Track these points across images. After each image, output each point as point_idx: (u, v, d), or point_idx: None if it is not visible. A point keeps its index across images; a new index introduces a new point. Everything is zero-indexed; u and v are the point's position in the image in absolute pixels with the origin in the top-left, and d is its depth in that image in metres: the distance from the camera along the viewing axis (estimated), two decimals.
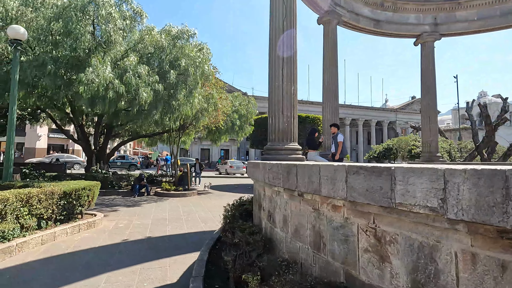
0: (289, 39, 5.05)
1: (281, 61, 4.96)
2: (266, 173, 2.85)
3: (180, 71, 9.73)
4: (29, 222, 5.29)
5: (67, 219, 6.27)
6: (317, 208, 2.12)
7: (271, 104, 5.05)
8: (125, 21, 8.70)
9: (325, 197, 1.92)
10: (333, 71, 9.12)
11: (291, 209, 2.48)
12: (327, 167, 1.85)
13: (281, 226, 2.68)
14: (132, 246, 5.45)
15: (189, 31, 9.97)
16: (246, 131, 15.75)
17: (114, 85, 7.91)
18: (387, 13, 10.47)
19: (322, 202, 2.05)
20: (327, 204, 2.00)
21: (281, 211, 2.69)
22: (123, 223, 7.23)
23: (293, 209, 2.45)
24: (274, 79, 5.02)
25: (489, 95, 72.74)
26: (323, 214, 2.05)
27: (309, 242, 2.21)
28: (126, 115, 11.57)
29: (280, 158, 4.65)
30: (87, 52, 8.29)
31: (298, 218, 2.37)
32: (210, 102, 11.56)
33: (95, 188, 7.11)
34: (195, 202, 10.85)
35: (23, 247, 4.87)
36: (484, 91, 76.11)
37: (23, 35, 6.90)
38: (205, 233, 6.59)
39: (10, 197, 4.88)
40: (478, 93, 68.47)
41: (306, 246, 2.24)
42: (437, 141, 10.58)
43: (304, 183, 2.10)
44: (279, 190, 2.67)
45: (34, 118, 14.71)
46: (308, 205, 2.22)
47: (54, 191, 5.83)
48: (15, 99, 6.74)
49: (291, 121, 4.93)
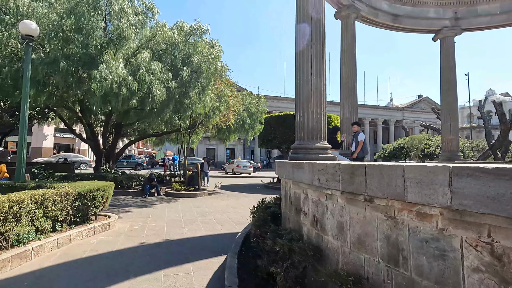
0: (318, 30, 4.75)
1: (310, 54, 4.66)
2: (314, 174, 2.56)
3: (193, 68, 9.46)
4: (44, 225, 5.06)
5: (81, 221, 6.04)
6: (392, 216, 1.83)
7: (298, 100, 4.76)
8: (138, 16, 8.46)
9: (411, 203, 1.63)
10: (351, 67, 8.79)
11: (350, 215, 2.19)
12: (417, 168, 1.55)
13: (335, 234, 2.38)
14: (151, 250, 5.19)
15: (202, 27, 9.69)
16: (256, 129, 15.45)
17: (128, 82, 7.67)
18: (406, 7, 10.10)
19: (401, 209, 1.76)
20: (408, 211, 1.71)
21: (334, 217, 2.40)
22: (137, 225, 6.99)
23: (354, 215, 2.16)
24: (302, 73, 4.72)
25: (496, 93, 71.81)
26: (403, 223, 1.75)
27: (380, 255, 1.91)
28: (136, 114, 11.36)
29: (310, 158, 4.36)
30: (99, 48, 8.06)
31: (361, 226, 2.08)
32: (222, 100, 11.29)
33: (109, 189, 6.88)
34: (207, 203, 10.59)
35: (39, 251, 4.64)
36: (492, 89, 75.12)
37: (35, 30, 6.68)
38: (223, 236, 6.33)
39: (25, 199, 4.65)
40: (486, 91, 67.59)
41: (375, 258, 1.95)
42: (458, 140, 10.21)
43: (377, 186, 1.81)
44: (333, 193, 2.38)
45: (42, 118, 14.56)
46: (378, 211, 1.93)
47: (68, 192, 5.60)
48: (27, 96, 6.52)
49: (321, 118, 4.63)
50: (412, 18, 10.24)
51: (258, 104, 15.42)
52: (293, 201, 3.49)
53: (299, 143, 4.65)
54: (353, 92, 8.80)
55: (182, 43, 9.32)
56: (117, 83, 7.58)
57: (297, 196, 3.32)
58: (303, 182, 2.90)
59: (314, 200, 2.79)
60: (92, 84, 7.55)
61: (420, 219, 1.63)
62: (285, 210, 4.08)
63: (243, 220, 7.86)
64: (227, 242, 5.84)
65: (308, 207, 2.95)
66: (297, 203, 3.31)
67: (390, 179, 1.72)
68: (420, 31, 10.70)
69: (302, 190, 3.12)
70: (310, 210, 2.90)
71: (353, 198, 2.15)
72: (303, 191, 3.10)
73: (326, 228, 2.55)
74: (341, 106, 8.98)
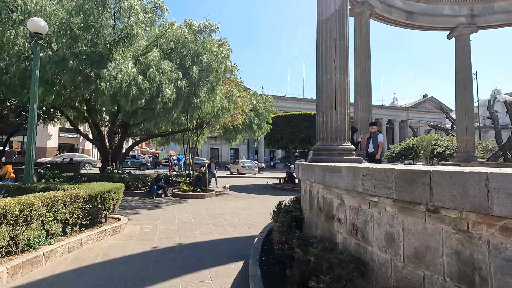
0: (341, 26, 4.53)
1: (333, 51, 4.44)
2: (356, 180, 2.34)
3: (202, 67, 9.27)
4: (54, 228, 4.88)
5: (91, 224, 5.86)
6: (464, 230, 1.61)
7: (321, 99, 4.54)
8: (147, 14, 8.27)
9: (496, 217, 1.41)
10: (366, 66, 8.57)
11: (404, 226, 1.97)
12: (507, 177, 1.33)
13: (382, 246, 2.16)
14: (164, 255, 5.00)
15: (212, 26, 9.49)
16: (264, 129, 15.23)
17: (138, 81, 7.48)
18: (420, 4, 9.85)
19: (478, 223, 1.54)
20: (488, 225, 1.49)
21: (381, 226, 2.18)
22: (148, 227, 6.81)
23: (409, 226, 1.94)
24: (324, 71, 4.51)
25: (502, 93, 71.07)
26: (480, 239, 1.53)
27: (446, 272, 1.70)
28: (144, 113, 11.19)
29: (334, 160, 4.14)
30: (108, 47, 7.88)
31: (420, 239, 1.86)
32: (230, 100, 11.09)
33: (119, 191, 6.69)
34: (216, 204, 10.39)
35: (50, 256, 4.46)
36: (498, 89, 74.46)
37: (44, 28, 6.51)
38: (237, 240, 6.12)
39: (36, 202, 4.47)
40: (492, 91, 66.98)
41: (440, 276, 1.73)
42: (474, 141, 9.95)
43: (447, 196, 1.59)
44: (381, 201, 2.16)
45: (48, 117, 14.44)
46: (444, 224, 1.71)
47: (79, 195, 5.41)
48: (36, 96, 6.35)
49: (345, 118, 4.41)
50: (427, 16, 9.99)
51: (266, 104, 15.20)
52: (323, 207, 3.27)
53: (321, 144, 4.44)
54: (368, 92, 8.57)
55: (191, 42, 9.12)
56: (127, 82, 7.39)
57: (328, 202, 3.11)
58: (339, 187, 2.68)
59: (353, 207, 2.57)
60: (101, 83, 7.37)
61: (506, 236, 1.42)
62: (310, 215, 3.86)
63: (255, 223, 7.65)
64: (242, 246, 5.64)
65: (344, 214, 2.73)
66: (329, 209, 3.09)
67: (466, 188, 1.50)
68: (435, 28, 10.45)
69: (336, 195, 2.90)
70: (347, 218, 2.68)
71: (409, 207, 1.93)
72: (337, 196, 2.88)
73: (369, 238, 2.33)
74: (355, 106, 8.75)
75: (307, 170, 3.66)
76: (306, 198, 4.08)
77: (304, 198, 4.36)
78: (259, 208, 10.00)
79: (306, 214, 4.13)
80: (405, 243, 1.97)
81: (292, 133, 15.67)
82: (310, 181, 3.61)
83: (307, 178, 3.73)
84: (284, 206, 5.05)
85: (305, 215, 4.17)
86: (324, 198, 3.24)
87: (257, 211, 9.35)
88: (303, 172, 3.87)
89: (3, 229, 3.96)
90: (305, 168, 3.74)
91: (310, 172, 3.49)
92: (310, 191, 3.89)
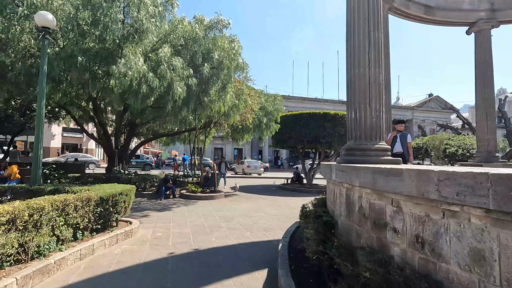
0: (375, 16, 4.18)
1: (367, 42, 4.09)
2: (428, 185, 2.00)
3: (213, 64, 8.94)
4: (65, 234, 4.57)
5: (102, 228, 5.55)
6: None
7: (352, 95, 4.19)
8: (157, 8, 7.94)
9: None
10: (385, 63, 8.18)
11: (501, 242, 1.63)
12: None
13: (464, 264, 1.82)
14: (182, 262, 4.67)
15: (223, 21, 9.14)
16: (272, 129, 14.88)
17: (148, 79, 7.17)
18: None
19: None
20: None
21: (462, 241, 1.84)
22: (160, 231, 6.49)
23: (508, 243, 1.59)
24: (356, 65, 4.16)
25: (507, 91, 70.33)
26: None
27: None
28: (152, 112, 10.88)
29: (370, 160, 3.80)
30: (117, 42, 7.57)
31: None
32: (241, 98, 10.75)
33: (131, 193, 6.38)
34: (227, 206, 10.07)
35: (61, 264, 4.15)
36: (503, 88, 73.46)
37: (52, 22, 6.21)
38: (256, 244, 5.79)
39: (46, 206, 4.16)
40: (497, 90, 66.21)
41: None
42: (495, 140, 9.55)
43: None
44: (464, 210, 1.82)
45: (53, 117, 14.16)
46: None
47: (90, 197, 5.10)
48: (43, 92, 6.04)
49: (380, 115, 4.06)
50: (446, 10, 9.60)
51: (275, 103, 14.85)
52: (368, 213, 2.93)
53: (354, 143, 4.09)
54: (387, 91, 8.20)
55: (202, 38, 8.79)
56: (137, 79, 7.08)
57: (377, 208, 2.76)
58: (398, 192, 2.34)
59: (417, 216, 2.23)
60: (110, 81, 7.06)
61: None
62: (347, 222, 3.52)
63: (270, 226, 7.33)
64: (261, 251, 5.32)
65: (403, 223, 2.39)
66: (378, 216, 2.75)
67: None
68: (454, 24, 10.05)
69: (390, 201, 2.56)
70: (407, 228, 2.34)
71: (506, 220, 1.59)
72: (391, 202, 2.54)
73: (443, 254, 1.99)
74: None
75: (347, 172, 3.31)
76: (341, 202, 3.74)
77: (336, 202, 4.02)
78: (270, 209, 9.67)
79: (340, 220, 3.79)
80: (502, 263, 1.63)
81: (301, 132, 15.26)
82: (350, 184, 3.27)
83: (345, 181, 3.38)
84: (310, 210, 4.71)
85: (339, 221, 3.83)
86: (370, 203, 2.90)
87: (269, 213, 9.02)
88: (340, 174, 3.53)
89: (11, 235, 3.65)
90: (344, 170, 3.40)
91: (352, 175, 3.15)
92: (346, 195, 3.55)
